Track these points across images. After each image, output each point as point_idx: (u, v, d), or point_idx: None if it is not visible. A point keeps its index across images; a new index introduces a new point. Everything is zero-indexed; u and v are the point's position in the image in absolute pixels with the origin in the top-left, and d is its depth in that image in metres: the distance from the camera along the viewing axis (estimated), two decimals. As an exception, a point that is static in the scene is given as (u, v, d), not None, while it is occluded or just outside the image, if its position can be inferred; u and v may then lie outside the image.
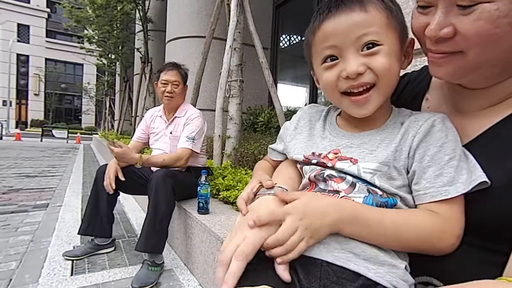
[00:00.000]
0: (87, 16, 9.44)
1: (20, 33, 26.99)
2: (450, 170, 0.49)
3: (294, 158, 0.64)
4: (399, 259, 0.51)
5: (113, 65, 11.86)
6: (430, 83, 0.66)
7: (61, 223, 2.46)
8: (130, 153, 1.77)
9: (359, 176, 0.54)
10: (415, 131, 0.54)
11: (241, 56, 2.87)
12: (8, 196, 3.25)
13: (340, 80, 0.54)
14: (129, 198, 3.29)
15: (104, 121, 14.25)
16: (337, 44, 0.53)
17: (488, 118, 0.52)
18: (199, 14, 4.28)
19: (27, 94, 27.78)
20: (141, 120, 2.28)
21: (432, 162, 0.51)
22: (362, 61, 0.52)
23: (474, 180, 0.48)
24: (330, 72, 0.55)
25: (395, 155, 0.53)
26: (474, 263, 0.49)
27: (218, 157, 2.68)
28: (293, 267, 0.53)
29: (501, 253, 0.43)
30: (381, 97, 0.54)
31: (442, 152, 0.51)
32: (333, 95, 0.57)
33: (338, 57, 0.54)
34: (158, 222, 1.63)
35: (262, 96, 4.65)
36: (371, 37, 0.51)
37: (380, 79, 0.52)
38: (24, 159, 6.42)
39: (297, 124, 0.68)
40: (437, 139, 0.52)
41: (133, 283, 1.53)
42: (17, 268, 1.68)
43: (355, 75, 0.52)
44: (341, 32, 0.52)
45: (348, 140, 0.58)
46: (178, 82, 2.05)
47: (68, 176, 4.72)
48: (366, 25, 0.51)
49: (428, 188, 0.51)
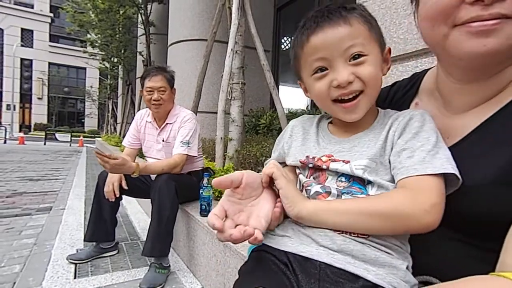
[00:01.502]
0: (89, 20, 9.53)
1: (23, 38, 27.27)
2: (421, 153, 0.51)
3: (292, 164, 0.66)
4: (400, 259, 0.52)
5: (116, 69, 11.93)
6: (419, 88, 0.67)
7: (65, 226, 2.47)
8: (127, 162, 1.61)
9: (352, 174, 0.56)
10: (395, 127, 0.57)
11: (242, 58, 2.87)
12: (12, 200, 3.26)
13: (331, 89, 0.58)
14: (132, 201, 3.30)
15: (107, 124, 14.34)
16: (326, 56, 0.57)
17: (477, 116, 0.53)
18: (200, 17, 4.30)
19: (31, 98, 28.02)
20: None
21: (406, 147, 0.54)
22: (351, 71, 0.56)
23: (445, 168, 0.49)
24: (321, 82, 0.59)
25: (381, 152, 0.56)
26: (468, 260, 0.49)
27: (220, 159, 2.68)
28: (291, 267, 0.54)
29: (492, 251, 0.43)
30: (369, 102, 0.59)
31: (415, 139, 0.54)
32: (325, 103, 0.61)
33: (327, 68, 0.58)
34: (163, 226, 1.63)
35: (263, 98, 4.66)
36: (357, 49, 0.55)
37: (368, 86, 0.57)
38: (28, 163, 6.46)
39: (291, 132, 0.71)
40: (412, 128, 0.55)
41: (142, 284, 1.54)
42: (20, 271, 1.69)
43: (346, 84, 0.56)
44: (329, 45, 0.56)
45: (339, 146, 0.61)
46: (165, 88, 1.90)
47: (71, 179, 4.74)
48: (351, 37, 0.55)
49: (399, 168, 0.52)
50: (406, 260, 0.53)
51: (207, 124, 4.22)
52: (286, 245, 0.56)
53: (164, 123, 1.99)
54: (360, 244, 0.51)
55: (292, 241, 0.56)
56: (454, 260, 0.51)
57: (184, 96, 4.27)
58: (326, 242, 0.53)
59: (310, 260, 0.52)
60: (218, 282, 1.39)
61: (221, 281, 1.36)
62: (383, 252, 0.51)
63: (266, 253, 0.57)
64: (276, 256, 0.56)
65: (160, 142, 2.00)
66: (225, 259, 1.32)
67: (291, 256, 0.54)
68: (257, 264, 0.58)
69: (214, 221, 0.50)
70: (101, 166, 1.59)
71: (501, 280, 0.35)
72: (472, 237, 0.50)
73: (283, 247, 0.56)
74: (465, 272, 0.39)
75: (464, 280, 0.38)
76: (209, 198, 1.70)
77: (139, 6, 7.41)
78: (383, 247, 0.52)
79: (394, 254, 0.52)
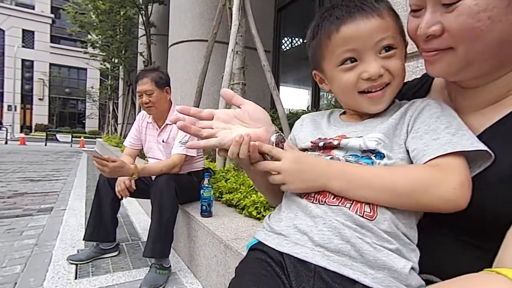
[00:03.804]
0: (90, 21, 9.56)
1: (25, 39, 27.32)
2: (447, 135, 0.50)
3: (303, 147, 0.66)
4: (402, 259, 0.48)
5: (117, 69, 11.96)
6: (431, 87, 0.68)
7: (65, 226, 2.47)
8: (125, 165, 1.62)
9: (364, 148, 0.55)
10: (412, 111, 0.57)
11: (243, 59, 2.88)
12: (13, 200, 3.27)
13: (360, 81, 0.57)
14: (132, 202, 3.30)
15: (108, 125, 14.35)
16: (357, 47, 0.56)
17: (487, 117, 0.54)
18: (201, 18, 4.30)
19: (32, 99, 28.07)
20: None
21: (429, 130, 0.52)
22: (381, 64, 0.56)
23: (476, 146, 0.48)
24: (350, 73, 0.58)
25: (395, 131, 0.56)
26: (469, 260, 0.49)
27: (221, 159, 2.68)
28: (286, 270, 0.52)
29: (494, 250, 0.43)
30: (393, 93, 0.60)
31: (438, 122, 0.53)
32: (351, 95, 0.60)
33: (357, 59, 0.57)
34: (163, 226, 1.63)
35: (264, 98, 4.66)
36: (388, 41, 0.56)
37: (395, 79, 0.58)
38: (29, 163, 6.47)
39: (302, 121, 0.71)
40: (433, 113, 0.55)
41: (142, 285, 1.54)
42: (21, 271, 1.69)
43: (377, 76, 0.56)
44: (361, 37, 0.55)
45: (352, 127, 0.61)
46: (152, 90, 1.88)
47: (72, 180, 4.75)
48: (384, 30, 0.55)
49: (424, 149, 0.51)
50: (411, 258, 0.50)
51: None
52: (281, 245, 0.54)
53: (164, 124, 2.00)
54: (360, 241, 0.48)
55: (287, 240, 0.54)
56: (455, 259, 0.51)
57: (184, 96, 4.28)
58: (323, 240, 0.50)
59: (305, 263, 0.50)
60: (218, 282, 1.39)
61: (221, 281, 1.36)
62: (386, 251, 0.48)
63: (262, 253, 0.56)
64: (272, 257, 0.54)
65: (160, 142, 2.00)
66: (225, 260, 1.32)
67: (287, 257, 0.53)
68: (252, 265, 0.56)
69: (192, 109, 0.60)
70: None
71: (494, 275, 0.35)
72: (474, 236, 0.50)
73: (278, 247, 0.54)
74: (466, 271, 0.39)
75: (461, 278, 0.38)
76: (210, 198, 1.70)
77: (139, 7, 7.42)
78: (388, 236, 0.49)
79: (396, 254, 0.48)
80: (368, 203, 0.51)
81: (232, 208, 1.91)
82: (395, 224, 0.50)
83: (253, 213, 1.66)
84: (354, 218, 0.50)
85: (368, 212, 0.50)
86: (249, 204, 1.71)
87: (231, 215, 1.77)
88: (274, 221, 0.60)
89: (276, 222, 0.59)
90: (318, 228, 0.52)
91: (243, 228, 1.51)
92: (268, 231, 0.59)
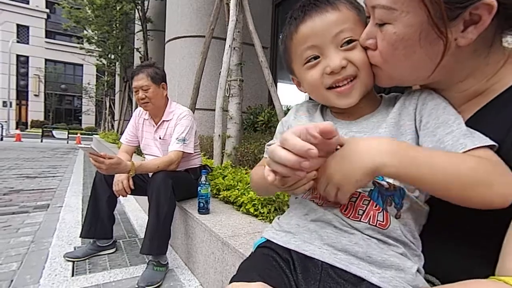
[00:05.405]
0: (86, 16, 9.44)
1: (19, 34, 26.99)
2: (460, 125, 0.49)
3: None
4: (409, 260, 0.49)
5: (113, 65, 11.86)
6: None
7: (62, 223, 2.46)
8: (122, 162, 1.60)
9: None
10: (414, 103, 0.55)
11: (240, 55, 2.86)
12: (9, 197, 3.24)
13: (325, 76, 0.57)
14: (130, 199, 3.29)
15: (104, 121, 14.26)
16: (317, 43, 0.56)
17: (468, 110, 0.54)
18: (198, 13, 4.27)
19: (27, 95, 27.79)
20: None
21: (439, 123, 0.50)
22: (343, 56, 0.55)
23: (487, 141, 0.46)
24: (314, 70, 0.58)
25: (398, 130, 0.54)
26: (467, 261, 0.49)
27: (218, 156, 2.68)
28: (293, 266, 0.53)
29: (491, 251, 0.43)
30: (364, 87, 0.58)
31: (446, 113, 0.51)
32: (319, 92, 0.60)
33: (319, 56, 0.57)
34: (161, 224, 1.63)
35: (262, 95, 4.65)
36: (347, 34, 0.55)
37: (361, 71, 0.56)
38: (25, 160, 6.42)
39: (295, 114, 0.70)
40: (438, 103, 0.53)
41: (140, 282, 1.53)
42: (18, 269, 1.68)
43: (340, 69, 0.55)
44: (319, 32, 0.55)
45: (347, 129, 0.60)
46: (148, 86, 1.87)
47: (68, 176, 4.72)
48: (340, 22, 0.55)
49: (460, 141, 0.46)
50: (417, 261, 0.50)
51: (205, 121, 4.20)
52: (289, 243, 0.55)
53: (161, 121, 1.98)
54: (366, 243, 0.49)
55: (296, 238, 0.55)
56: (454, 260, 0.51)
57: (182, 93, 4.25)
58: (331, 240, 0.51)
59: (313, 259, 0.51)
60: (216, 279, 1.40)
61: (219, 278, 1.36)
62: (393, 252, 0.49)
63: (269, 250, 0.57)
64: (279, 253, 0.55)
65: (157, 139, 1.99)
66: (223, 257, 1.32)
67: (294, 254, 0.53)
68: (257, 259, 0.57)
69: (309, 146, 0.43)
70: (96, 166, 1.57)
71: (501, 285, 0.35)
72: (473, 236, 0.49)
73: (287, 244, 0.55)
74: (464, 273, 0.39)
75: (464, 284, 0.37)
76: (207, 195, 1.70)
77: (136, 2, 7.34)
78: (396, 242, 0.49)
79: (402, 256, 0.49)
80: (381, 211, 0.50)
81: (230, 205, 1.91)
82: (404, 233, 0.51)
83: (250, 210, 1.66)
84: (367, 227, 0.50)
85: (381, 221, 0.50)
86: (246, 201, 1.71)
87: (229, 212, 1.76)
88: (284, 219, 0.61)
89: (285, 220, 0.60)
90: (329, 230, 0.52)
91: (241, 225, 1.51)
92: (277, 229, 0.60)
